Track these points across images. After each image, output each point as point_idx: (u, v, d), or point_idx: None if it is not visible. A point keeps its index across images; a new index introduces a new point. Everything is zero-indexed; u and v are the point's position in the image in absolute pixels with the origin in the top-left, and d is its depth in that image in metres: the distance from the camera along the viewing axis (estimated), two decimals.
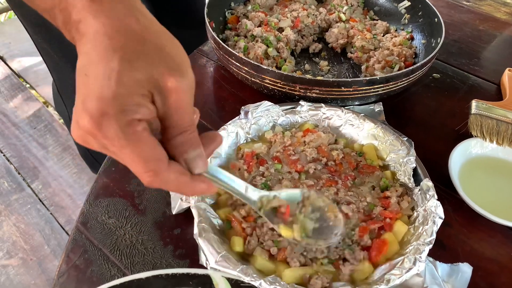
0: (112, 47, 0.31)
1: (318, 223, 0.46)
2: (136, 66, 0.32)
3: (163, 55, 0.34)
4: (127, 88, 0.32)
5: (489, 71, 0.93)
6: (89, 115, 0.31)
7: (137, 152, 0.33)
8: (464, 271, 0.56)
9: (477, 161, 0.70)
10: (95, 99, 0.31)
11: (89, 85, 0.31)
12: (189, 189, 0.38)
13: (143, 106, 0.33)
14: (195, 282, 0.51)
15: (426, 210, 0.58)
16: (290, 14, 0.96)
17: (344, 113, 0.71)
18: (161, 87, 0.33)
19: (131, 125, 0.32)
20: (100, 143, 0.33)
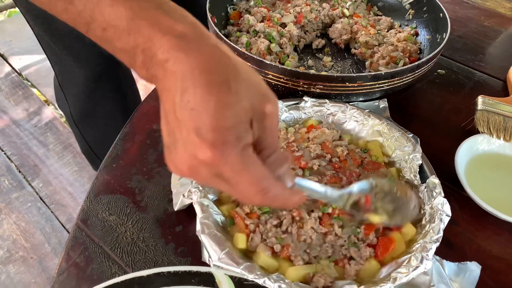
0: (217, 82, 0.34)
1: (394, 204, 0.50)
2: (241, 96, 0.35)
3: (255, 85, 0.37)
4: (239, 117, 0.34)
5: (495, 67, 0.91)
6: (211, 145, 0.34)
7: (251, 174, 0.36)
8: (472, 270, 0.55)
9: (484, 157, 0.69)
10: (213, 130, 0.33)
11: (201, 117, 0.33)
12: (291, 202, 0.41)
13: (250, 132, 0.36)
14: (198, 280, 0.50)
15: (433, 207, 0.57)
16: (293, 10, 0.95)
17: (348, 109, 0.70)
18: (259, 112, 0.36)
19: (246, 150, 0.35)
20: (216, 172, 0.35)
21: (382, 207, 0.48)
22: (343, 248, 0.55)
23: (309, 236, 0.55)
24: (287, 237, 0.55)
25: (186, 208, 0.60)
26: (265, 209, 0.57)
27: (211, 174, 0.36)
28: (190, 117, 0.34)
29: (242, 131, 0.35)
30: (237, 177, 0.36)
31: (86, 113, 1.20)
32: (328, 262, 0.54)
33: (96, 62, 1.06)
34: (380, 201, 0.49)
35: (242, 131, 0.35)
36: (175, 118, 0.35)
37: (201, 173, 0.36)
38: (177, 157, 0.36)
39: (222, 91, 0.34)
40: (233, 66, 0.35)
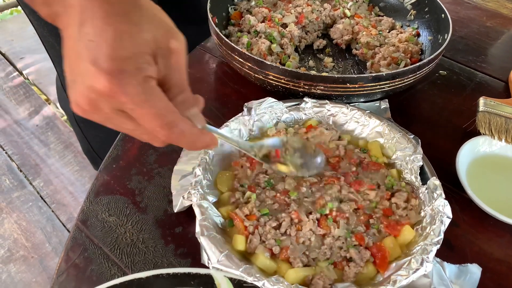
0: (116, 12, 0.33)
1: (302, 159, 0.54)
2: (142, 28, 0.34)
3: (159, 20, 0.36)
4: (139, 48, 0.34)
5: (496, 68, 0.91)
6: (108, 74, 0.33)
7: (155, 106, 0.35)
8: (473, 272, 0.55)
9: (485, 159, 0.69)
10: (111, 59, 0.33)
11: (99, 48, 0.33)
12: (200, 141, 0.40)
13: (152, 65, 0.35)
14: (197, 282, 0.50)
15: (434, 209, 0.56)
16: (294, 10, 0.94)
17: (349, 110, 0.70)
18: (163, 48, 0.36)
19: (147, 81, 0.35)
20: (116, 104, 0.35)
21: (291, 161, 0.53)
22: (342, 250, 0.55)
23: (307, 238, 0.55)
24: (286, 239, 0.55)
25: (186, 209, 0.60)
26: (264, 211, 0.57)
27: (112, 108, 0.35)
28: (87, 48, 0.33)
29: (143, 62, 0.34)
30: (139, 109, 0.35)
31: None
32: (327, 264, 0.53)
33: None
34: (290, 156, 0.53)
35: (142, 62, 0.34)
36: (75, 53, 0.34)
37: (102, 107, 0.35)
38: (77, 92, 0.35)
39: (121, 21, 0.33)
40: (135, 1, 0.35)
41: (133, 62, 0.34)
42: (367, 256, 0.54)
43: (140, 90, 0.34)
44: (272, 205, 0.58)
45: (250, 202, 0.58)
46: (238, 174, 0.62)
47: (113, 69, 0.33)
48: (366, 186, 0.61)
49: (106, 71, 0.33)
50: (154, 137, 0.39)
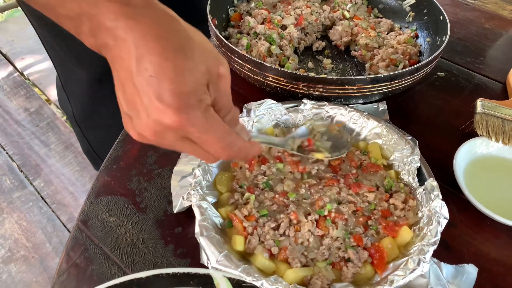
0: (172, 48, 0.35)
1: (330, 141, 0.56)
2: (197, 61, 0.36)
3: (207, 49, 0.38)
4: (198, 81, 0.36)
5: (495, 70, 0.92)
6: (175, 109, 0.35)
7: (217, 131, 0.39)
8: (469, 272, 0.55)
9: (483, 160, 0.69)
10: (175, 95, 0.35)
11: (162, 84, 0.34)
12: (251, 152, 0.45)
13: (207, 93, 0.38)
14: (196, 281, 0.50)
15: (431, 210, 0.57)
16: (294, 12, 0.95)
17: (347, 111, 0.70)
18: (214, 75, 0.38)
19: (208, 110, 0.37)
20: (182, 133, 0.37)
21: (321, 146, 0.55)
22: (340, 251, 0.55)
23: (306, 238, 0.56)
24: (284, 240, 0.55)
25: (186, 210, 0.60)
26: (263, 212, 0.58)
27: (177, 137, 0.38)
28: (149, 84, 0.34)
29: (202, 93, 0.37)
30: (204, 136, 0.38)
31: (88, 114, 1.21)
32: (325, 265, 0.54)
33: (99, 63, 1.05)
34: (319, 141, 0.56)
35: (202, 94, 0.37)
36: (133, 86, 0.35)
37: (167, 137, 0.38)
38: (141, 124, 0.37)
39: (179, 57, 0.35)
40: (185, 32, 0.37)
41: (195, 96, 0.36)
42: (365, 256, 0.55)
43: (204, 120, 0.37)
44: (270, 206, 0.59)
45: (249, 203, 0.58)
46: (237, 175, 0.62)
47: (179, 104, 0.35)
48: (365, 188, 0.62)
49: (173, 107, 0.35)
50: (210, 156, 0.42)
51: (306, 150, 0.54)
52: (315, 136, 0.55)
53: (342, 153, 0.57)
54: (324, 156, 0.54)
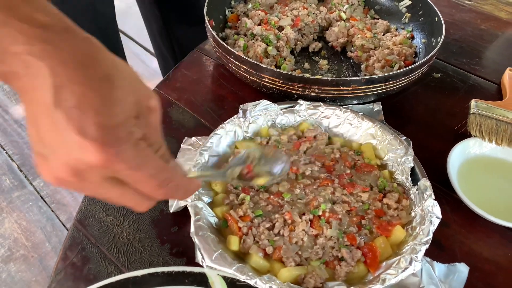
0: (97, 77, 0.31)
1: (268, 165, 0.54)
2: (125, 91, 0.32)
3: (136, 81, 0.35)
4: (127, 112, 0.32)
5: (490, 71, 0.92)
6: (102, 143, 0.30)
7: (150, 167, 0.34)
8: (461, 271, 0.56)
9: (476, 161, 0.70)
10: (101, 128, 0.30)
11: (85, 116, 0.30)
12: (191, 188, 0.41)
13: (138, 126, 0.34)
14: (191, 280, 0.51)
15: (423, 210, 0.58)
16: (291, 13, 0.95)
17: (342, 112, 0.71)
18: (143, 109, 0.35)
19: (139, 144, 0.33)
20: (108, 172, 0.33)
21: (260, 170, 0.53)
22: (334, 250, 0.56)
23: (300, 238, 0.56)
24: (279, 240, 0.56)
25: (182, 210, 0.61)
26: (258, 212, 0.58)
27: (103, 178, 0.33)
28: (69, 117, 0.30)
29: (132, 125, 0.33)
30: (135, 174, 0.34)
31: None
32: (319, 264, 0.55)
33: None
34: (257, 166, 0.53)
35: (131, 126, 0.33)
36: (49, 121, 0.30)
37: (90, 178, 0.33)
38: (57, 165, 0.32)
39: (105, 86, 0.31)
40: (111, 61, 0.33)
41: (124, 128, 0.32)
42: (358, 255, 0.55)
43: (134, 154, 0.33)
44: (265, 207, 0.60)
45: (244, 203, 0.59)
46: None
47: (106, 138, 0.30)
48: (359, 188, 0.63)
49: (98, 141, 0.30)
50: (142, 199, 0.37)
51: (247, 177, 0.52)
52: (253, 162, 0.53)
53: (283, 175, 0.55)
54: (265, 180, 0.52)
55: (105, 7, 1.02)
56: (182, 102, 0.82)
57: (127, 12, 2.44)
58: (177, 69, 0.89)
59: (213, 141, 0.65)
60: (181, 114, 0.79)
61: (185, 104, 0.81)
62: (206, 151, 0.64)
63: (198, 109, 0.80)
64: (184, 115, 0.79)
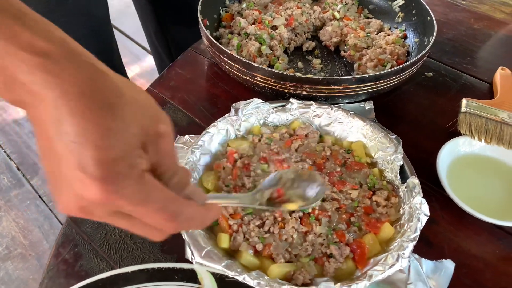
0: (98, 107, 0.29)
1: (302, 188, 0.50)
2: (128, 121, 0.31)
3: (143, 105, 0.33)
4: (129, 144, 0.31)
5: (482, 70, 0.93)
6: (99, 180, 0.29)
7: (155, 200, 0.32)
8: (447, 267, 0.57)
9: (465, 159, 0.71)
10: (100, 163, 0.29)
11: (84, 150, 0.29)
12: (208, 218, 0.38)
13: (143, 156, 0.32)
14: (181, 276, 0.52)
15: (412, 207, 0.58)
16: (284, 12, 0.96)
17: (333, 111, 0.71)
18: (151, 135, 0.33)
19: (142, 177, 0.31)
20: (112, 208, 0.31)
21: (293, 194, 0.50)
22: (323, 247, 0.57)
23: (290, 235, 0.57)
24: (269, 237, 0.57)
25: None
26: (248, 210, 0.59)
27: (107, 212, 0.32)
28: (70, 151, 0.29)
29: (135, 157, 0.31)
30: (140, 209, 0.32)
31: None
32: (308, 260, 0.55)
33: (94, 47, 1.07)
34: (290, 189, 0.50)
35: (134, 158, 0.31)
36: (55, 155, 0.29)
37: (96, 213, 0.32)
38: (67, 199, 0.31)
39: (105, 118, 0.29)
40: (115, 86, 0.31)
41: (125, 162, 0.30)
42: (346, 252, 0.56)
43: (137, 188, 0.31)
44: None
45: None
46: (221, 175, 0.64)
47: (104, 174, 0.29)
48: (349, 186, 0.63)
49: (96, 178, 0.29)
50: (153, 232, 0.35)
51: (277, 202, 0.48)
52: (285, 185, 0.49)
53: (318, 198, 0.51)
54: (297, 205, 0.49)
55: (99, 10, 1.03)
56: (176, 100, 0.82)
57: (125, 12, 2.45)
58: (171, 68, 0.90)
59: (205, 139, 0.66)
60: (175, 113, 0.80)
61: (178, 103, 0.82)
62: (198, 149, 0.64)
63: (191, 108, 0.81)
64: (178, 113, 0.80)
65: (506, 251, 0.62)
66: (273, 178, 0.48)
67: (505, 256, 0.61)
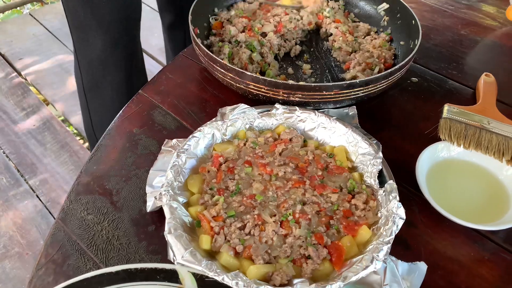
0: None
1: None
2: None
3: None
4: None
5: (467, 76, 0.95)
6: None
7: None
8: (421, 269, 0.59)
9: (444, 164, 0.73)
10: None
11: None
12: None
13: None
14: (163, 276, 0.54)
15: (388, 210, 0.60)
16: (273, 19, 0.98)
17: (317, 116, 0.73)
18: None
19: None
20: None
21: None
22: (302, 248, 0.59)
23: (270, 238, 0.59)
24: (249, 239, 0.59)
25: (159, 209, 0.64)
26: (231, 213, 0.61)
27: None
28: None
29: None
30: None
31: (96, 82, 1.27)
32: (286, 261, 0.57)
33: (117, 28, 1.14)
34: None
35: None
36: None
37: None
38: None
39: None
40: None
41: None
42: (324, 254, 0.58)
43: None
44: (238, 208, 0.62)
45: (218, 204, 0.62)
46: (206, 179, 0.66)
47: None
48: (329, 190, 0.65)
49: None
50: None
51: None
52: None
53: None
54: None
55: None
56: (166, 105, 0.84)
57: None
58: (161, 72, 0.92)
59: (191, 143, 0.68)
60: (164, 117, 0.82)
61: (168, 107, 0.84)
62: (184, 153, 0.66)
63: (180, 112, 0.83)
64: (167, 117, 0.82)
65: (481, 254, 0.64)
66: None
67: (479, 258, 0.63)
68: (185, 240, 0.56)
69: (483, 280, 0.61)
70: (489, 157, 0.72)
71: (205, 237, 0.58)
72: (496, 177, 0.72)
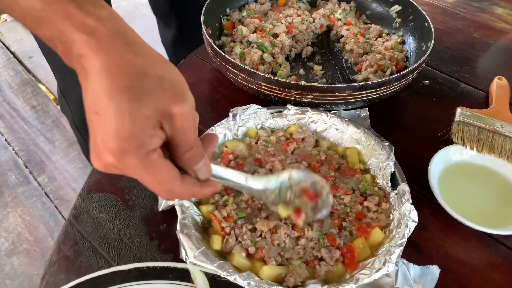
0: (119, 87, 0.34)
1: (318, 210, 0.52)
2: (144, 103, 0.35)
3: (164, 85, 0.37)
4: (140, 125, 0.35)
5: (479, 79, 0.94)
6: (111, 153, 0.36)
7: (155, 177, 0.39)
8: (434, 272, 0.58)
9: (457, 167, 0.72)
10: (113, 139, 0.35)
11: (104, 124, 0.35)
12: (200, 195, 0.45)
13: (155, 136, 0.37)
14: (175, 275, 0.54)
15: (401, 213, 0.60)
16: (285, 20, 0.98)
17: (329, 117, 0.73)
18: (167, 114, 0.37)
19: (148, 156, 0.37)
20: (122, 172, 0.38)
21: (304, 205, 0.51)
22: (314, 250, 0.58)
23: (282, 240, 0.59)
24: (261, 240, 0.59)
25: (171, 208, 0.64)
26: (242, 215, 0.61)
27: (120, 172, 0.39)
28: (95, 121, 0.36)
29: (145, 137, 0.36)
30: (141, 179, 0.39)
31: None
32: (299, 263, 0.57)
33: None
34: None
35: (144, 138, 0.36)
36: (89, 117, 0.37)
37: (112, 171, 0.39)
38: (93, 158, 0.39)
39: (123, 98, 0.34)
40: (140, 68, 0.36)
41: (134, 141, 0.35)
42: (336, 255, 0.58)
43: (140, 165, 0.37)
44: (245, 210, 0.62)
45: (228, 205, 0.62)
46: None
47: (116, 149, 0.35)
48: (342, 191, 0.65)
49: (110, 150, 0.36)
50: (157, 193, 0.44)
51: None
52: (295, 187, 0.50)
53: (326, 212, 0.52)
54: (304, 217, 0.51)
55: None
56: None
57: (134, 13, 2.49)
58: None
59: None
60: None
61: None
62: None
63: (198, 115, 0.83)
64: None
65: (493, 258, 0.63)
66: (286, 180, 0.50)
67: (492, 263, 0.63)
68: (197, 239, 0.56)
69: (496, 284, 0.60)
70: (502, 161, 0.72)
71: (216, 237, 0.58)
72: (509, 181, 0.71)
